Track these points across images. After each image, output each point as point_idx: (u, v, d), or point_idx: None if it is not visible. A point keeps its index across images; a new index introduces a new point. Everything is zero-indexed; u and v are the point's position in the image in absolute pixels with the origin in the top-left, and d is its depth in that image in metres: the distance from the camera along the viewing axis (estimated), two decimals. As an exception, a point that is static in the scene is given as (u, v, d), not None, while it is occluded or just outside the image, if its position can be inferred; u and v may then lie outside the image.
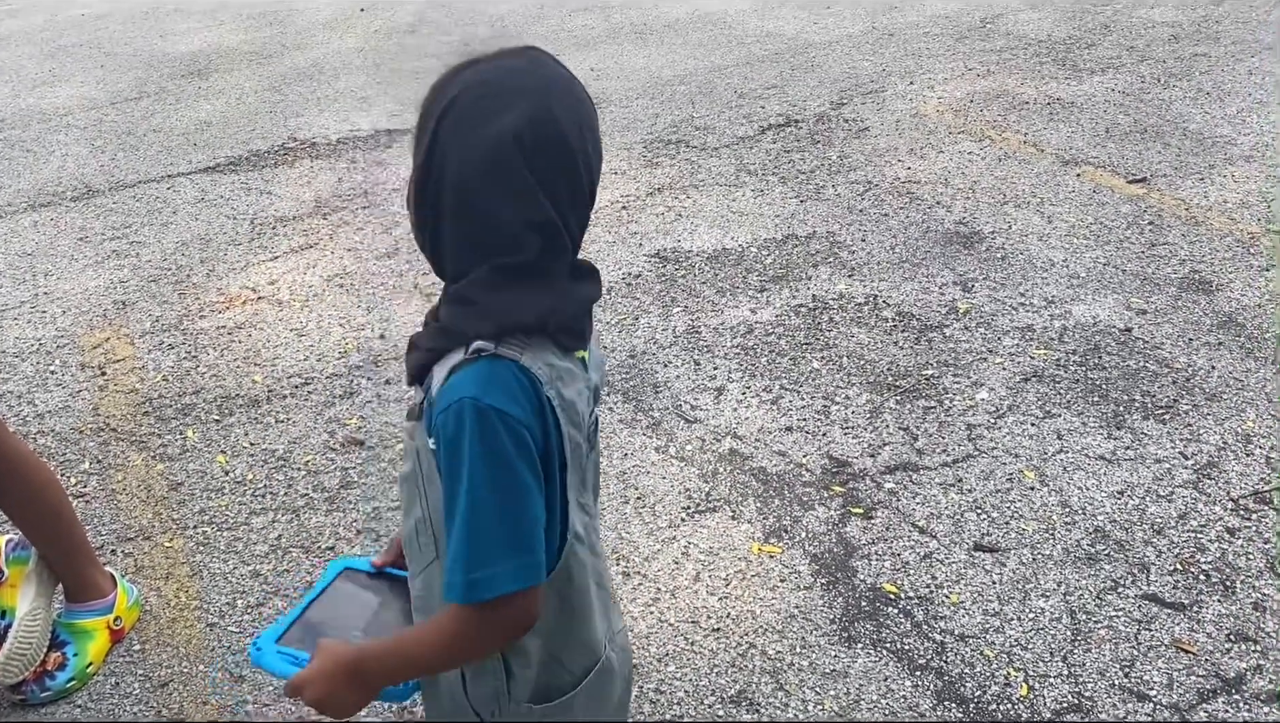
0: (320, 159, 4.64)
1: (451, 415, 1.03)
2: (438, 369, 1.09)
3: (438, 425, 1.05)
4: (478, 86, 1.07)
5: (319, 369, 3.18)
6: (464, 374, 1.05)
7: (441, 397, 1.05)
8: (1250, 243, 3.49)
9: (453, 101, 1.07)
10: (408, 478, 1.17)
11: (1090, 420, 2.76)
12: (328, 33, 6.44)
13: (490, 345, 1.06)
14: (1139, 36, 5.31)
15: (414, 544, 1.18)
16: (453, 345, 1.08)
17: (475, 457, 1.03)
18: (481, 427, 1.03)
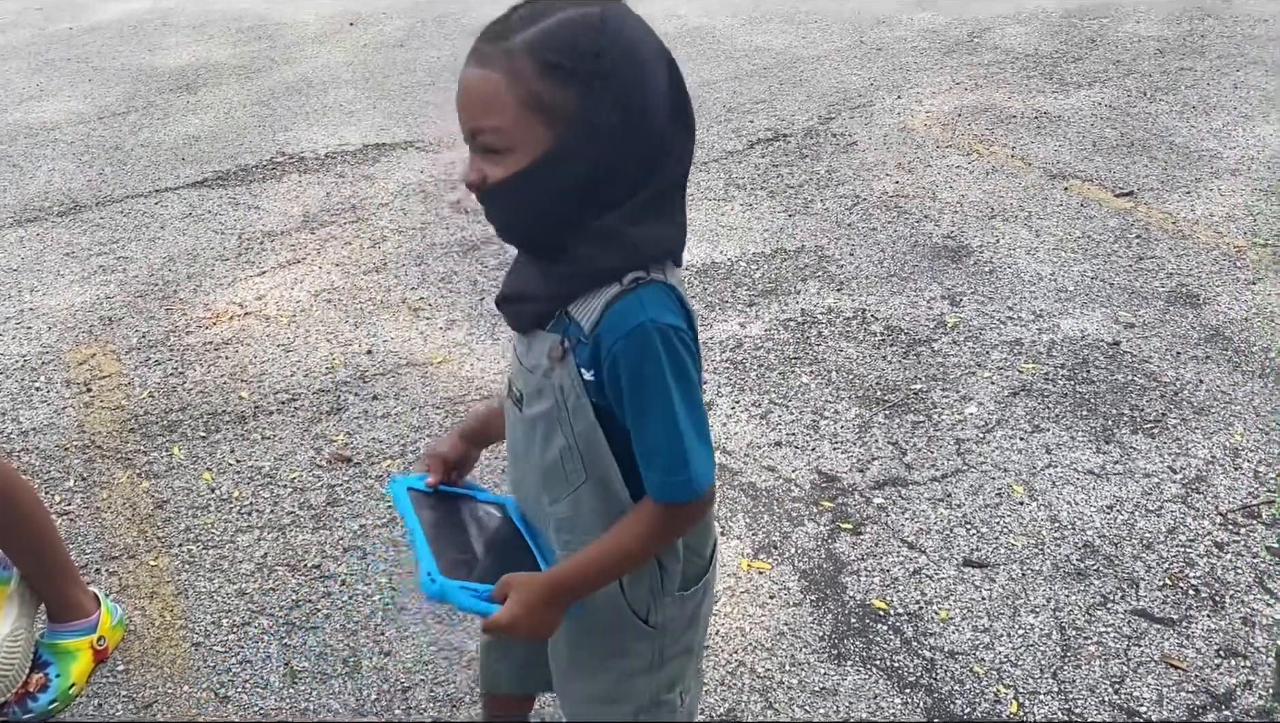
0: (308, 173, 4.63)
1: (635, 340, 1.15)
2: (579, 307, 1.19)
3: (614, 352, 1.16)
4: (621, 12, 1.15)
5: (306, 385, 3.17)
6: (630, 302, 1.16)
7: (613, 326, 1.16)
8: (1236, 256, 3.50)
9: (606, 23, 1.13)
10: (544, 416, 1.26)
11: (1079, 435, 2.76)
12: (316, 47, 6.44)
13: (643, 274, 1.18)
14: (1125, 51, 5.34)
15: (558, 472, 1.28)
16: (596, 283, 1.18)
17: (667, 373, 1.17)
18: (666, 345, 1.16)
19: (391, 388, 3.13)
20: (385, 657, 2.22)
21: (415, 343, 3.34)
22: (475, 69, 1.13)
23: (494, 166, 1.15)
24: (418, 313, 3.51)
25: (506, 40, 1.12)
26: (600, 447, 1.24)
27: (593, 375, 1.19)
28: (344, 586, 2.42)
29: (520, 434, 1.32)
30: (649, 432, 1.19)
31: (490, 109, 1.12)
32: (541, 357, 1.23)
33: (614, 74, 1.12)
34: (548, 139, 1.13)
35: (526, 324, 1.26)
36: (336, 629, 2.30)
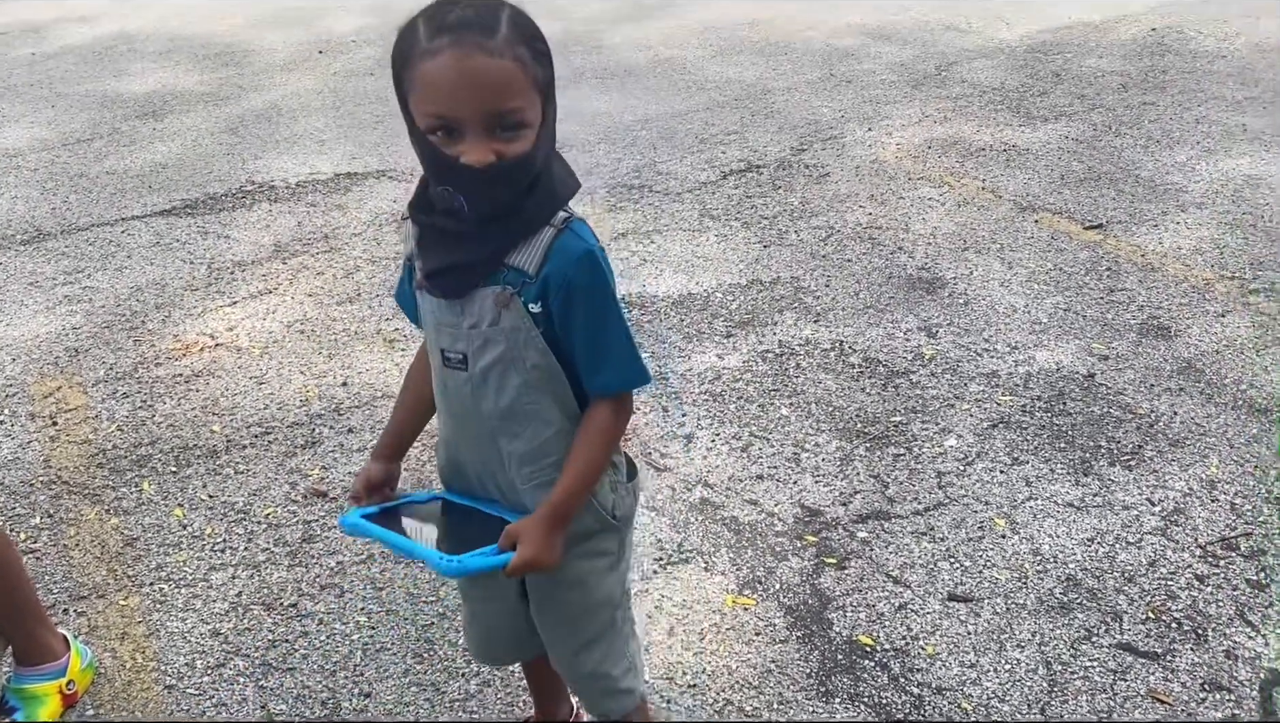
0: (279, 202, 4.58)
1: (585, 266, 1.39)
2: (516, 256, 1.40)
3: (569, 279, 1.38)
4: (517, 8, 1.35)
5: (279, 418, 3.12)
6: (570, 238, 1.40)
7: (562, 259, 1.38)
8: (1205, 289, 3.55)
9: (525, 18, 1.35)
10: (496, 362, 1.44)
11: (1058, 467, 2.77)
12: (285, 74, 6.40)
13: (566, 213, 1.42)
14: (1089, 85, 5.43)
15: (517, 410, 1.46)
16: (532, 230, 1.39)
17: (612, 287, 1.43)
18: (606, 265, 1.42)
19: (367, 421, 3.09)
20: (365, 698, 2.18)
21: (391, 375, 3.30)
22: (487, 59, 1.29)
23: (513, 143, 1.32)
24: (393, 345, 3.47)
25: (497, 33, 1.30)
26: (554, 369, 1.44)
27: (540, 308, 1.40)
28: (322, 625, 2.37)
29: (467, 393, 1.48)
30: (607, 336, 1.42)
31: (513, 91, 1.31)
32: (485, 310, 1.42)
33: (551, 55, 1.38)
34: (540, 112, 1.35)
35: (464, 287, 1.42)
36: (314, 670, 2.25)
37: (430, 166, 1.39)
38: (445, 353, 1.49)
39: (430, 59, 1.30)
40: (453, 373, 1.49)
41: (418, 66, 1.31)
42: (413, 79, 1.33)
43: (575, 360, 1.46)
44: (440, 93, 1.30)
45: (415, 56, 1.32)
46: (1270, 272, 3.63)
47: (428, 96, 1.32)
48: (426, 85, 1.31)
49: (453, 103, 1.29)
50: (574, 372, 1.47)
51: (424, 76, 1.31)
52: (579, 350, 1.44)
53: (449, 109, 1.30)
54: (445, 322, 1.47)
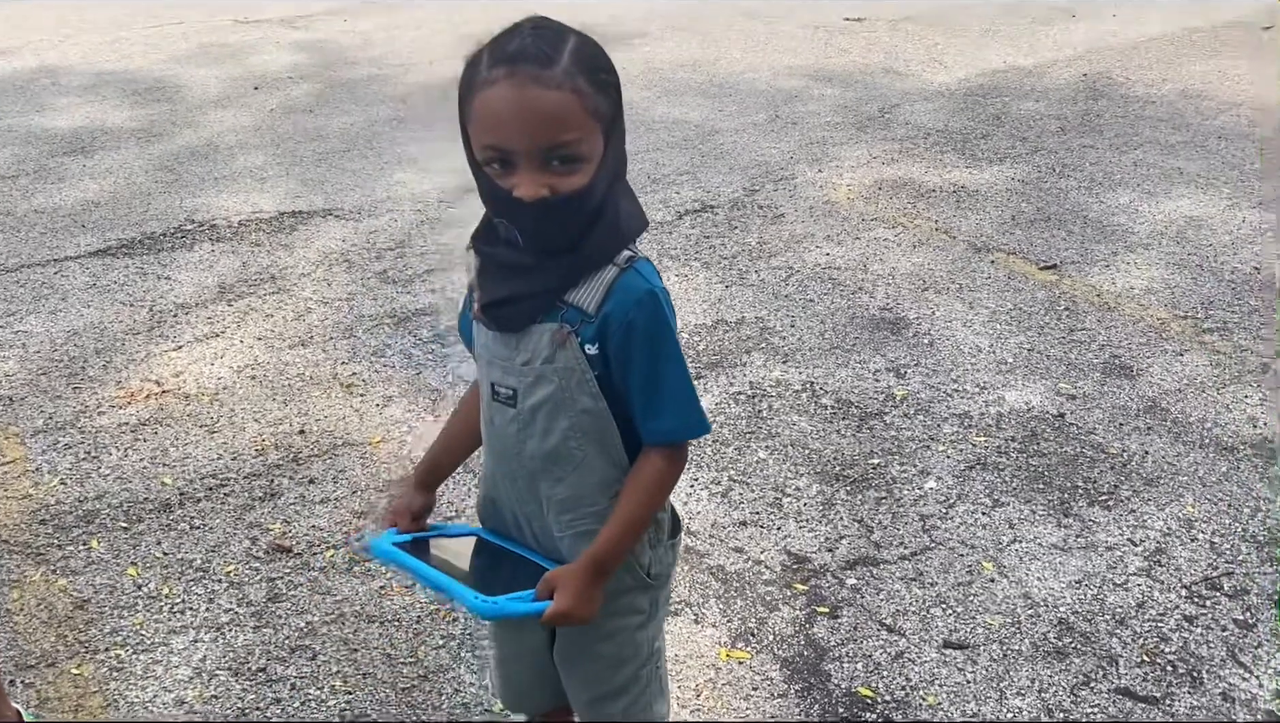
0: (221, 241, 4.42)
1: (645, 307, 1.35)
2: (577, 293, 1.36)
3: (629, 320, 1.34)
4: (586, 37, 1.33)
5: (235, 469, 2.97)
6: (633, 277, 1.36)
7: (624, 299, 1.34)
8: (1161, 329, 3.61)
9: (593, 47, 1.33)
10: (546, 401, 1.40)
11: (1038, 508, 2.77)
12: (220, 110, 6.23)
13: (631, 251, 1.38)
14: (1029, 128, 5.55)
15: (562, 453, 1.42)
16: (595, 268, 1.36)
17: (672, 330, 1.38)
18: (669, 307, 1.38)
19: (329, 471, 2.96)
20: (348, 769, 2.05)
21: (351, 422, 3.18)
22: (542, 90, 1.26)
23: (569, 177, 1.29)
24: (351, 389, 3.35)
25: (555, 64, 1.26)
26: (604, 415, 1.39)
27: (596, 349, 1.36)
28: (295, 690, 2.23)
29: (513, 431, 1.44)
30: (665, 380, 1.38)
31: (570, 124, 1.27)
32: (540, 347, 1.38)
33: (619, 85, 1.36)
34: (601, 146, 1.31)
35: (521, 321, 1.38)
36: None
37: (485, 198, 1.37)
38: (495, 387, 1.45)
39: (487, 89, 1.28)
40: (500, 408, 1.45)
41: (476, 96, 1.29)
42: (472, 108, 1.30)
43: (630, 405, 1.40)
44: (494, 124, 1.28)
45: (476, 85, 1.30)
46: (1221, 311, 3.71)
47: (483, 127, 1.30)
48: (482, 116, 1.29)
49: (505, 134, 1.27)
50: (626, 420, 1.42)
51: (481, 106, 1.29)
52: (634, 394, 1.39)
53: (502, 140, 1.28)
54: (498, 355, 1.43)
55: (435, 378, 3.40)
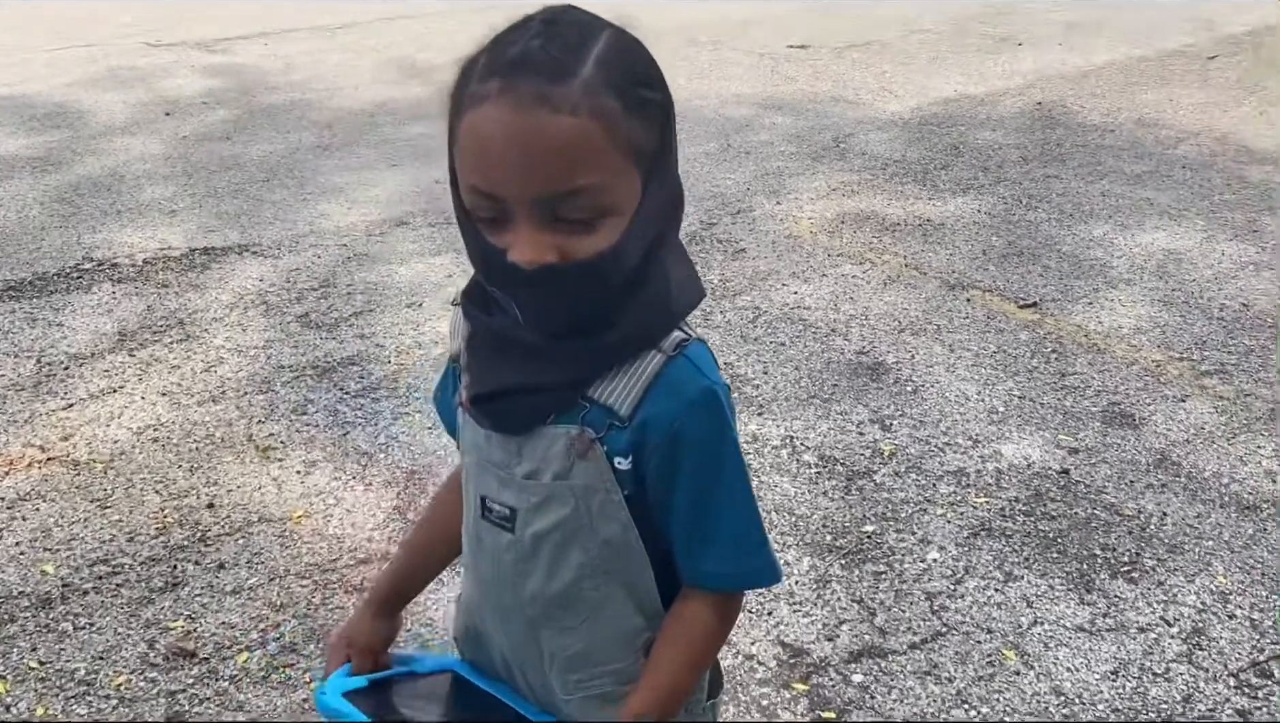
0: (124, 282, 3.97)
1: (701, 412, 1.02)
2: (604, 388, 1.02)
3: (678, 428, 1.01)
4: (624, 35, 0.98)
5: (130, 552, 2.54)
6: (684, 369, 1.02)
7: (670, 399, 1.01)
8: (1158, 372, 3.36)
9: (631, 50, 0.97)
10: (556, 530, 1.06)
11: (1056, 582, 2.46)
12: (126, 138, 5.75)
13: (684, 334, 1.04)
14: (989, 158, 5.33)
15: (573, 597, 1.08)
16: (630, 352, 1.02)
17: (736, 444, 1.05)
18: (730, 411, 1.05)
19: (242, 553, 2.54)
20: None
21: (268, 492, 2.77)
22: (549, 115, 0.90)
23: (585, 236, 0.94)
24: (268, 454, 2.93)
25: (572, 76, 0.91)
26: (632, 549, 1.07)
27: (629, 464, 1.03)
28: (197, 843, 1.82)
29: (508, 562, 1.10)
30: (724, 507, 1.05)
31: (586, 163, 0.92)
32: (552, 456, 1.04)
33: (670, 102, 1.00)
34: (638, 190, 0.96)
35: (526, 422, 1.05)
36: None
37: (473, 258, 1.00)
38: (486, 503, 1.10)
39: (476, 109, 0.92)
40: (492, 530, 1.11)
41: (464, 117, 0.93)
42: (457, 133, 0.95)
43: (670, 536, 1.07)
44: (481, 159, 0.92)
45: (464, 102, 0.94)
46: (1216, 352, 3.47)
47: (468, 162, 0.94)
48: (468, 146, 0.93)
49: (496, 176, 0.92)
50: (661, 552, 1.09)
51: (467, 133, 0.93)
52: (679, 524, 1.06)
53: (491, 184, 0.93)
54: (492, 461, 1.08)
55: (365, 439, 3.00)
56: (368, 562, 2.53)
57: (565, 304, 0.98)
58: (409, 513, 2.69)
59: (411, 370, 3.36)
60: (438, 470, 2.86)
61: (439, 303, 3.80)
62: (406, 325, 3.64)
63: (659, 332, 1.03)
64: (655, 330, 1.03)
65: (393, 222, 4.55)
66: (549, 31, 0.94)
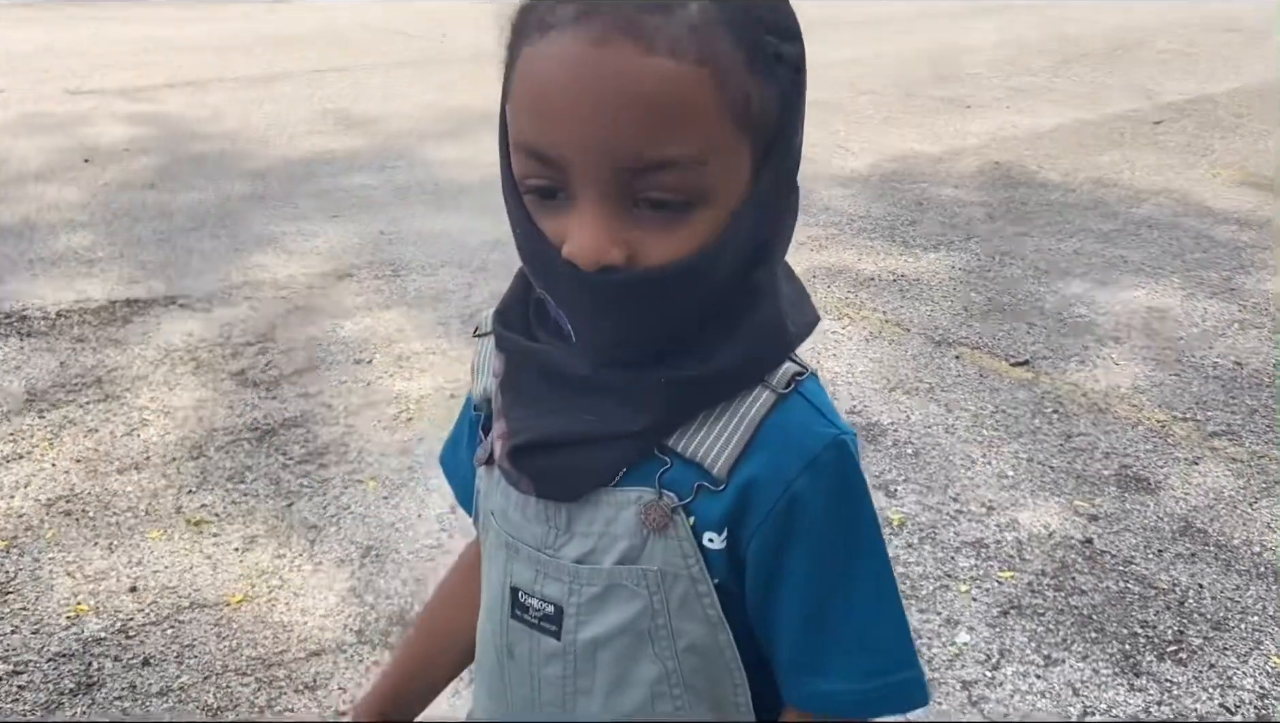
0: (33, 337, 3.57)
1: (831, 468, 0.76)
2: (690, 438, 0.77)
3: (792, 492, 0.75)
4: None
5: (36, 647, 2.15)
6: (801, 411, 0.78)
7: (785, 452, 0.76)
8: (1164, 433, 3.17)
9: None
10: (620, 635, 0.79)
11: (1100, 665, 2.21)
12: (41, 185, 5.33)
13: (799, 366, 0.79)
14: (956, 215, 5.20)
15: (649, 714, 0.81)
16: (725, 390, 0.77)
17: (870, 512, 0.79)
18: (861, 470, 0.79)
19: (170, 646, 2.17)
20: None
21: (201, 573, 2.40)
22: (637, 55, 0.66)
23: (668, 232, 0.71)
24: (200, 528, 2.57)
25: (683, 5, 0.68)
26: (722, 656, 0.81)
27: (724, 542, 0.78)
28: None
29: (553, 679, 0.82)
30: (854, 610, 0.79)
31: (687, 126, 0.69)
32: (616, 532, 0.78)
33: (804, 63, 0.77)
34: (746, 175, 0.74)
35: (581, 485, 0.79)
36: None
37: (521, 251, 0.76)
38: (520, 597, 0.83)
39: (540, 40, 0.68)
40: (528, 635, 0.83)
41: (521, 51, 0.69)
42: (512, 75, 0.70)
43: (777, 640, 0.80)
44: (539, 108, 0.68)
45: (525, 31, 0.69)
46: (1220, 412, 3.30)
47: (521, 113, 0.70)
48: (523, 90, 0.70)
49: (556, 131, 0.69)
50: (758, 663, 0.82)
51: (524, 71, 0.69)
52: (791, 624, 0.79)
53: (550, 144, 0.68)
54: (528, 538, 0.82)
55: (313, 511, 2.65)
56: (320, 653, 2.17)
57: (629, 326, 0.74)
58: (366, 596, 2.35)
59: (361, 433, 3.02)
60: (396, 546, 2.52)
61: (389, 360, 3.47)
62: (355, 383, 3.30)
63: (769, 363, 0.79)
64: (764, 361, 0.79)
65: (336, 274, 4.22)
66: None
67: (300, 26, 11.13)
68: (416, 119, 6.99)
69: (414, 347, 3.57)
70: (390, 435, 3.00)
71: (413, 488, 2.75)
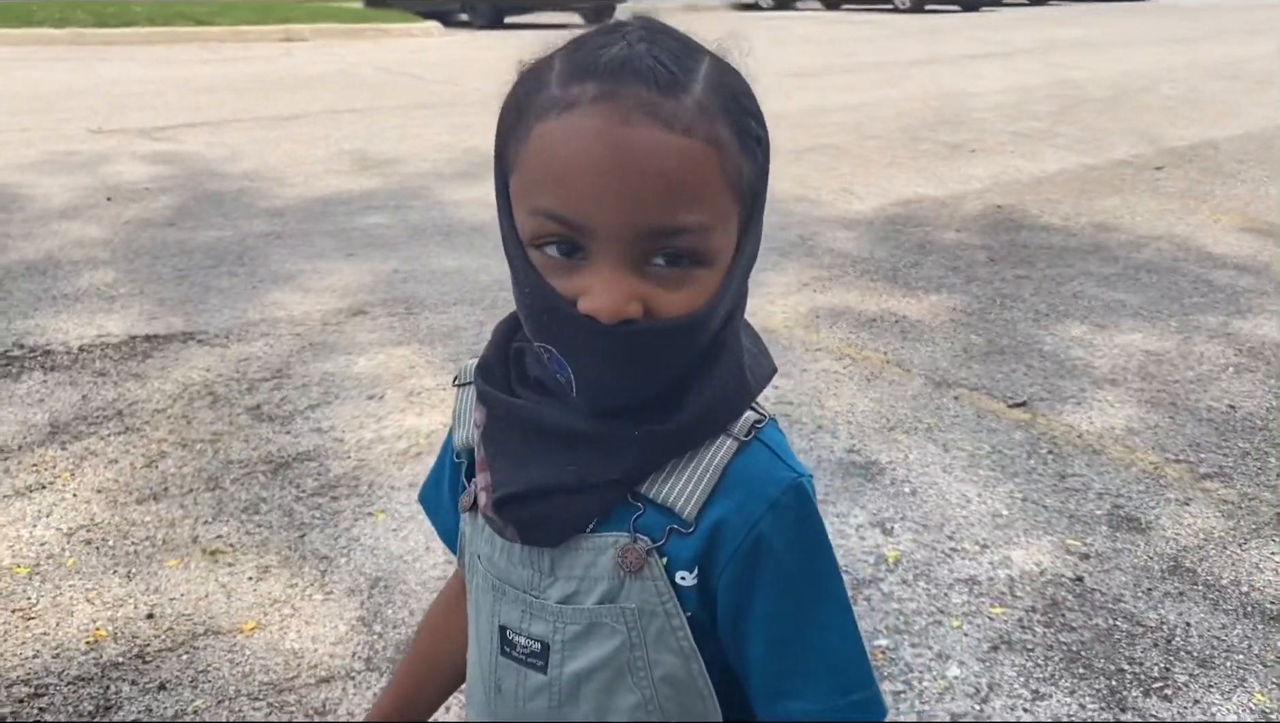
0: (57, 371, 3.68)
1: (790, 511, 0.85)
2: (672, 479, 0.85)
3: (756, 533, 0.84)
4: (725, 60, 0.84)
5: (57, 671, 2.23)
6: (761, 456, 0.86)
7: (748, 495, 0.84)
8: (1156, 474, 3.24)
9: (735, 74, 0.84)
10: (602, 667, 0.87)
11: (1087, 700, 2.27)
12: (65, 222, 5.48)
13: (759, 414, 0.89)
14: (958, 258, 5.30)
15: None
16: (693, 439, 0.85)
17: (829, 549, 0.89)
18: (817, 508, 0.88)
19: (185, 671, 2.25)
20: None
21: (216, 601, 2.48)
22: (661, 132, 0.75)
23: (679, 290, 0.80)
24: (216, 558, 2.65)
25: (686, 91, 0.77)
26: (695, 684, 0.88)
27: (694, 580, 0.86)
28: None
29: (540, 710, 0.90)
30: (816, 638, 0.87)
31: (697, 197, 0.78)
32: (596, 574, 0.86)
33: (768, 143, 0.86)
34: (734, 240, 0.84)
35: (562, 531, 0.86)
36: None
37: (527, 305, 0.81)
38: (508, 634, 0.91)
39: (559, 116, 0.75)
40: (516, 670, 0.90)
41: (536, 126, 0.76)
42: (523, 147, 0.77)
43: (748, 669, 0.88)
44: (564, 177, 0.75)
45: (536, 109, 0.76)
46: (1213, 454, 3.37)
47: (542, 181, 0.76)
48: (544, 161, 0.76)
49: (584, 199, 0.76)
50: (729, 687, 0.90)
51: (543, 144, 0.76)
52: (760, 654, 0.87)
53: (575, 209, 0.75)
54: (514, 581, 0.90)
55: (325, 542, 2.74)
56: (329, 680, 2.25)
57: (640, 372, 0.81)
58: (374, 625, 2.43)
59: (372, 467, 3.11)
60: (404, 577, 2.60)
61: (401, 395, 3.57)
62: (368, 418, 3.39)
63: (734, 412, 0.87)
64: (728, 411, 0.87)
65: (350, 311, 4.32)
66: (652, 38, 0.79)
67: (316, 69, 11.36)
68: (431, 160, 7.15)
69: (425, 382, 3.66)
70: (400, 470, 3.09)
71: (421, 521, 2.83)
